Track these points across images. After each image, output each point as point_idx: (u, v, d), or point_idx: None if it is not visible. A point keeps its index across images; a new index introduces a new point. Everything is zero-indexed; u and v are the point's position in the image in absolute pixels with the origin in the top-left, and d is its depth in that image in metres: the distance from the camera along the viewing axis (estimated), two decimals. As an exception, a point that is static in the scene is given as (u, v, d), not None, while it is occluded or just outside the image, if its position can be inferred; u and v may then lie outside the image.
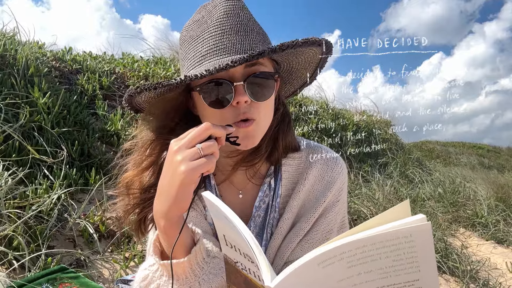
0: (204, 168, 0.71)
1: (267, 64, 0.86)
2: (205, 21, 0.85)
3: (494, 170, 8.72)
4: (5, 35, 3.15)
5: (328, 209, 0.95)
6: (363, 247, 0.53)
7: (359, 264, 0.55)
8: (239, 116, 0.82)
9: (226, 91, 0.81)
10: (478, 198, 4.41)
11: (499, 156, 14.83)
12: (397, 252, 0.54)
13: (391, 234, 0.52)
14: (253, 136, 0.85)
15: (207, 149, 0.72)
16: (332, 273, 0.55)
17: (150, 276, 0.85)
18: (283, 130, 0.95)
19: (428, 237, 0.53)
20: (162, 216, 0.76)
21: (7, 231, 1.67)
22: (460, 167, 7.15)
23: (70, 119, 2.64)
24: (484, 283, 2.76)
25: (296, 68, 0.97)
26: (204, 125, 0.74)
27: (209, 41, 0.82)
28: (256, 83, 0.82)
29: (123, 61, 4.07)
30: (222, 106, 0.82)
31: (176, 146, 0.73)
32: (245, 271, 0.66)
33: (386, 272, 0.55)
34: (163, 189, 0.75)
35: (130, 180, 0.93)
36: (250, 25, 0.85)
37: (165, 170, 0.75)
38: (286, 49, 0.78)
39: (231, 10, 0.85)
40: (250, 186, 0.99)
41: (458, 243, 3.41)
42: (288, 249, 0.92)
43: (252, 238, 0.60)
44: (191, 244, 0.82)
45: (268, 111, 0.88)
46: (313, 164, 0.96)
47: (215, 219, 0.71)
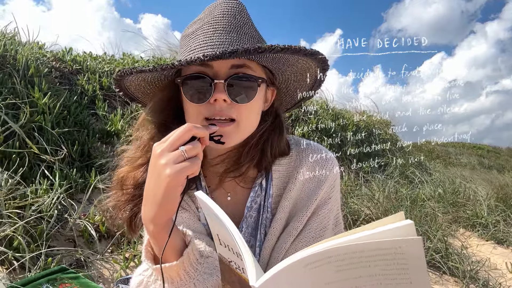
0: (189, 171, 0.71)
1: (256, 69, 0.86)
2: (203, 19, 0.87)
3: (494, 171, 8.71)
4: (5, 35, 3.15)
5: (320, 207, 0.94)
6: (353, 253, 0.52)
7: (348, 270, 0.54)
8: (214, 113, 0.82)
9: (206, 87, 0.82)
10: (478, 198, 4.40)
11: (499, 157, 14.83)
12: (387, 262, 0.53)
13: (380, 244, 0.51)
14: (229, 136, 0.84)
15: (191, 151, 0.72)
16: (320, 275, 0.55)
17: (145, 281, 0.85)
18: (272, 140, 0.94)
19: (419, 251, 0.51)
20: (150, 221, 0.75)
21: (7, 231, 1.67)
22: (460, 168, 7.15)
23: (70, 119, 2.64)
24: (484, 284, 2.76)
25: (291, 80, 0.97)
26: (186, 126, 0.74)
27: (200, 37, 0.84)
28: (239, 84, 0.82)
29: (123, 62, 4.08)
30: (200, 101, 0.83)
31: (159, 149, 0.73)
32: (238, 270, 0.66)
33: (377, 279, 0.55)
34: (149, 193, 0.75)
35: (124, 176, 0.93)
36: (244, 29, 0.86)
37: (150, 174, 0.75)
38: (263, 52, 0.77)
39: (228, 12, 0.86)
40: (239, 187, 0.98)
41: (458, 244, 3.40)
42: (283, 249, 0.92)
43: (240, 237, 0.60)
44: (182, 246, 0.82)
45: (251, 115, 0.87)
46: (303, 163, 0.95)
47: (208, 218, 0.71)
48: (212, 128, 0.79)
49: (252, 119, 0.88)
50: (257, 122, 0.91)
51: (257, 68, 0.87)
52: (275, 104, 0.98)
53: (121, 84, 0.93)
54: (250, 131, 0.90)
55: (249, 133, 0.90)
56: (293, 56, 0.85)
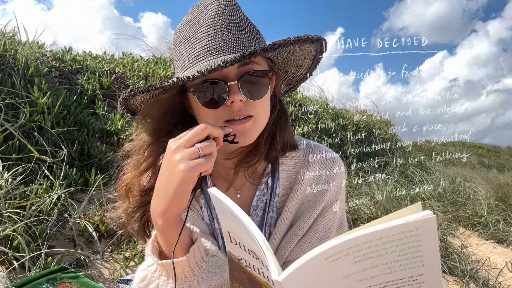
0: (203, 168, 0.71)
1: (261, 63, 0.86)
2: (198, 21, 0.85)
3: (494, 170, 8.71)
4: (5, 35, 3.14)
5: (327, 208, 0.95)
6: (369, 242, 0.53)
7: (365, 260, 0.55)
8: (233, 114, 0.82)
9: (221, 90, 0.81)
10: (478, 197, 4.40)
11: (499, 156, 14.82)
12: (402, 247, 0.54)
13: (397, 228, 0.52)
14: (249, 133, 0.85)
15: (206, 149, 0.72)
16: (338, 268, 0.55)
17: (149, 277, 0.85)
18: (281, 127, 0.95)
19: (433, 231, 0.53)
20: (160, 216, 0.76)
21: (7, 231, 1.67)
22: (460, 167, 7.15)
23: (70, 119, 2.64)
24: (484, 283, 2.76)
25: (291, 65, 0.97)
26: (202, 125, 0.74)
27: (202, 41, 0.83)
28: (250, 81, 0.83)
29: (123, 61, 4.07)
30: (217, 106, 0.82)
31: (174, 145, 0.74)
32: (249, 268, 0.66)
33: (391, 267, 0.56)
34: (161, 188, 0.75)
35: (129, 182, 0.93)
36: (242, 24, 0.85)
37: (163, 169, 0.75)
38: (278, 47, 0.78)
39: (223, 10, 0.85)
40: (247, 185, 0.98)
41: (458, 243, 3.41)
42: (287, 249, 0.92)
43: (260, 234, 0.59)
44: (189, 243, 0.83)
45: (264, 108, 0.88)
46: (311, 164, 0.96)
47: (220, 216, 0.70)
48: (227, 129, 0.80)
49: (266, 112, 0.90)
50: (269, 114, 0.92)
51: (262, 61, 0.87)
52: (276, 90, 0.98)
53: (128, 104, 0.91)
54: (265, 123, 0.90)
55: (264, 125, 0.90)
56: (301, 45, 0.85)
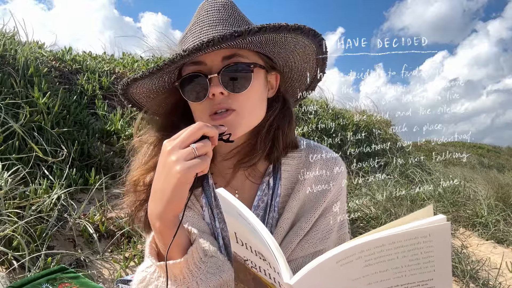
0: (199, 168, 0.72)
1: (249, 57, 0.86)
2: (192, 22, 0.89)
3: (494, 170, 8.71)
4: (4, 35, 3.14)
5: (328, 209, 0.95)
6: (382, 246, 0.53)
7: (376, 263, 0.54)
8: (214, 107, 0.83)
9: (202, 84, 0.83)
10: (478, 197, 4.40)
11: (499, 156, 14.82)
12: (415, 252, 0.54)
13: (410, 234, 0.52)
14: (232, 125, 0.84)
15: (201, 149, 0.72)
16: (348, 271, 0.55)
17: (147, 278, 0.85)
18: (283, 127, 0.94)
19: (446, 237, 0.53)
20: (157, 217, 0.76)
21: (7, 231, 1.66)
22: (460, 167, 7.14)
23: (70, 119, 2.63)
24: (484, 283, 2.76)
25: (292, 63, 0.96)
26: (197, 125, 0.74)
27: (189, 38, 0.86)
28: (231, 74, 0.83)
29: (123, 61, 4.07)
30: (199, 99, 0.84)
31: (169, 146, 0.73)
32: (255, 269, 0.66)
33: (401, 271, 0.55)
34: (157, 189, 0.75)
35: (137, 179, 0.94)
36: (230, 20, 0.87)
37: (159, 170, 0.75)
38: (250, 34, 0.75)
39: (212, 7, 0.88)
40: (248, 185, 0.98)
41: (458, 243, 3.41)
42: (288, 249, 0.92)
43: (270, 236, 0.59)
44: (187, 244, 0.82)
45: (251, 102, 0.86)
46: (311, 164, 0.96)
47: (226, 216, 0.70)
48: (222, 128, 0.80)
49: (254, 106, 0.88)
50: (262, 110, 0.90)
51: (251, 55, 0.87)
52: (282, 89, 0.97)
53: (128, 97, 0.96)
54: (255, 119, 0.89)
55: (256, 121, 0.89)
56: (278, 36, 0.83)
